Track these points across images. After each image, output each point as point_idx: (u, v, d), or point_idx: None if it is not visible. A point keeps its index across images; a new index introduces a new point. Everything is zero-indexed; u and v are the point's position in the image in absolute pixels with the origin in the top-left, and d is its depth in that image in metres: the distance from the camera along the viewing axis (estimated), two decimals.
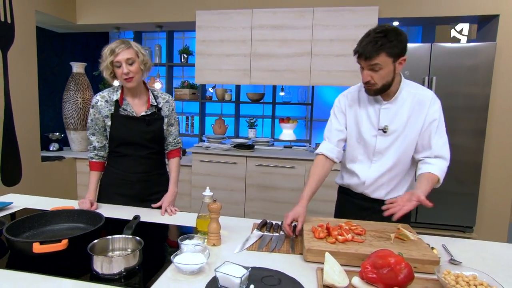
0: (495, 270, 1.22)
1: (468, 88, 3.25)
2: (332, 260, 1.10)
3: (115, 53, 1.66)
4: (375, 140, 1.60)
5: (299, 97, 4.29)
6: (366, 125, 1.61)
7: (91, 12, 3.98)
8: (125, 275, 1.10)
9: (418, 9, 3.42)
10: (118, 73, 1.69)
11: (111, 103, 1.78)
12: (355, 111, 1.65)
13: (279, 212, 3.55)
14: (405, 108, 1.55)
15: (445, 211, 3.37)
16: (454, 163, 3.31)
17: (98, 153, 1.85)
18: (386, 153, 1.60)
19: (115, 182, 1.85)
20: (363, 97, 1.63)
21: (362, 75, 1.50)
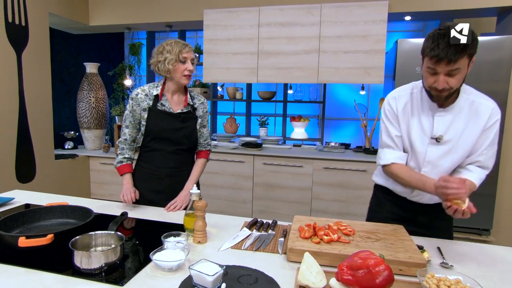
0: (489, 275, 1.16)
1: (486, 85, 3.11)
2: (311, 260, 1.07)
3: (186, 49, 1.77)
4: (426, 149, 1.47)
5: (311, 95, 4.24)
6: (417, 133, 1.49)
7: (103, 14, 4.08)
8: (106, 270, 1.11)
9: (431, 2, 3.31)
10: (181, 69, 1.77)
11: (150, 97, 1.83)
12: (407, 117, 1.51)
13: (286, 211, 3.53)
14: (461, 117, 1.42)
15: None
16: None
17: (125, 155, 1.88)
18: (438, 163, 1.47)
19: (144, 177, 1.89)
20: (415, 101, 1.50)
21: (434, 80, 1.33)
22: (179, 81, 1.79)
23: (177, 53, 1.74)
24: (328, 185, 3.45)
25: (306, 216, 1.53)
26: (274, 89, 4.45)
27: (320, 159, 3.44)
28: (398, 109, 1.53)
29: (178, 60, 1.74)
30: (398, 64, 3.29)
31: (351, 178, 3.39)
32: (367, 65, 3.41)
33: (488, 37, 3.14)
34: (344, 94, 4.34)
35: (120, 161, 1.89)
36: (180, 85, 1.83)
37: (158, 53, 1.79)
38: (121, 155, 1.89)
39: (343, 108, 4.36)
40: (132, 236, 1.45)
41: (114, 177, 3.82)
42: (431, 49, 1.29)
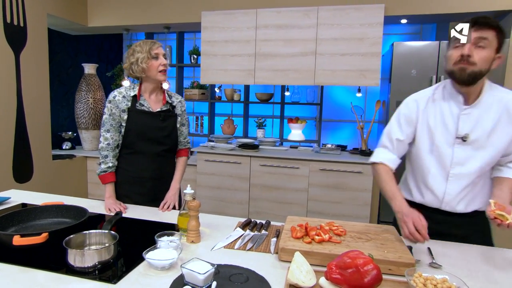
0: (475, 274, 1.18)
1: None
2: (301, 260, 1.09)
3: (155, 46, 1.79)
4: (452, 150, 1.41)
5: (308, 97, 4.26)
6: (441, 133, 1.43)
7: (102, 15, 4.10)
8: (100, 268, 1.13)
9: (427, 5, 3.34)
10: (155, 65, 1.78)
11: (128, 98, 1.83)
12: (428, 118, 1.46)
13: (282, 213, 3.54)
14: (490, 115, 1.37)
15: None
16: None
17: (110, 163, 1.84)
18: (466, 164, 1.41)
19: (127, 181, 1.88)
20: (437, 102, 1.45)
21: (462, 49, 1.30)
22: (155, 78, 1.80)
23: (147, 50, 1.76)
24: (324, 187, 3.46)
25: (298, 217, 1.55)
26: (271, 90, 4.47)
27: (317, 160, 3.46)
28: (416, 111, 1.48)
29: (150, 57, 1.76)
30: (394, 67, 3.32)
31: (347, 179, 3.41)
32: (363, 67, 3.43)
33: None
34: (341, 96, 4.36)
35: (104, 170, 1.83)
36: (157, 82, 1.84)
37: (129, 55, 1.81)
38: (105, 164, 1.83)
39: (340, 110, 4.38)
40: (126, 235, 1.46)
41: None
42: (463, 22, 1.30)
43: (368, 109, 4.27)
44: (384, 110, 3.64)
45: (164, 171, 1.94)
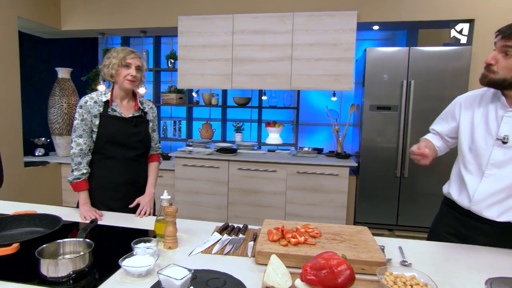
0: (442, 270, 1.23)
1: (446, 92, 3.27)
2: (277, 262, 1.10)
3: (130, 55, 1.79)
4: (490, 151, 1.40)
5: (285, 101, 4.31)
6: (481, 132, 1.43)
7: (76, 18, 4.01)
8: (75, 278, 1.10)
9: (397, 13, 3.46)
10: (123, 73, 1.78)
11: (100, 103, 1.81)
12: (472, 116, 1.47)
13: (261, 216, 3.56)
14: None
15: (426, 213, 3.38)
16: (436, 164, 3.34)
17: (84, 170, 1.79)
18: (504, 167, 1.38)
19: (100, 187, 1.85)
20: (483, 101, 1.46)
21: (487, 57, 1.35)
22: (122, 85, 1.79)
23: (121, 58, 1.76)
24: (302, 189, 3.51)
25: (275, 220, 1.57)
26: (249, 95, 4.49)
27: (294, 164, 3.50)
28: (460, 108, 1.54)
29: (121, 65, 1.77)
30: (367, 72, 3.41)
31: (323, 182, 3.46)
32: (337, 72, 3.51)
33: (449, 47, 3.32)
34: (317, 100, 4.44)
35: (77, 177, 1.78)
36: (124, 90, 1.83)
37: (105, 58, 1.82)
38: (78, 171, 1.78)
39: (316, 114, 4.45)
40: (102, 243, 1.43)
41: None
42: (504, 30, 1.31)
43: (343, 113, 4.36)
44: (358, 114, 3.73)
45: (138, 175, 1.93)
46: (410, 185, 3.41)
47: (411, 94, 3.30)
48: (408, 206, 3.43)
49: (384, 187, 3.46)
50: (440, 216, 1.67)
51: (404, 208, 3.44)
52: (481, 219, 1.44)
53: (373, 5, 3.47)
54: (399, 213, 3.45)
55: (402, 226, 3.46)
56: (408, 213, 3.44)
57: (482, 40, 3.32)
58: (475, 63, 3.29)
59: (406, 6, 3.43)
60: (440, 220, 1.65)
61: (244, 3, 3.70)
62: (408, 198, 3.43)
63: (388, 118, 3.40)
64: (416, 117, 3.33)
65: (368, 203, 3.51)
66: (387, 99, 3.37)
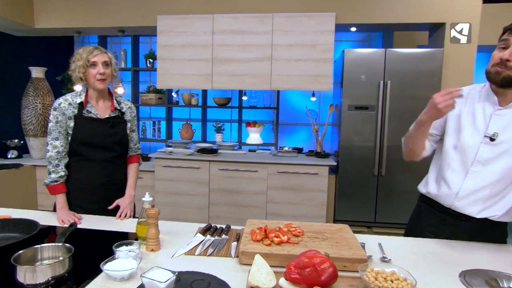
0: (419, 265, 1.27)
1: (421, 92, 3.37)
2: (261, 262, 1.11)
3: (93, 53, 1.72)
4: (477, 148, 1.41)
5: (265, 101, 4.32)
6: (469, 130, 1.43)
7: (50, 16, 3.89)
8: (53, 284, 1.07)
9: (373, 15, 3.53)
10: (92, 73, 1.72)
11: (74, 105, 1.76)
12: (459, 114, 1.47)
13: (243, 216, 3.56)
14: None
15: (402, 209, 3.47)
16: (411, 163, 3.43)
17: (62, 172, 1.75)
18: (489, 164, 1.40)
19: (77, 189, 1.80)
20: (469, 99, 1.47)
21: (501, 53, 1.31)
22: (94, 86, 1.75)
23: (85, 58, 1.71)
24: (282, 189, 3.53)
25: (258, 220, 1.57)
26: (229, 95, 4.48)
27: (275, 163, 3.52)
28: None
29: (87, 66, 1.71)
30: (345, 72, 3.46)
31: (303, 181, 3.50)
32: (316, 72, 3.55)
33: (422, 49, 3.42)
34: (296, 100, 4.47)
35: (55, 180, 1.74)
36: (97, 90, 1.78)
37: (71, 63, 1.76)
38: (56, 174, 1.74)
39: (296, 114, 4.49)
40: (82, 247, 1.39)
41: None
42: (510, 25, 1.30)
43: (322, 113, 4.42)
44: (337, 113, 3.79)
45: (116, 177, 1.89)
46: (387, 183, 3.49)
47: (388, 94, 3.38)
48: (386, 203, 3.51)
49: (363, 185, 3.53)
50: (418, 215, 1.69)
51: (381, 206, 3.52)
52: (461, 216, 1.47)
53: (350, 7, 3.53)
54: (377, 210, 3.53)
55: (380, 223, 3.54)
56: (386, 210, 3.52)
57: (454, 42, 3.43)
58: (446, 65, 3.41)
59: (382, 8, 3.51)
60: (418, 219, 1.67)
61: (224, 3, 3.68)
62: (386, 195, 3.51)
63: (365, 118, 3.47)
64: (393, 116, 3.41)
65: (347, 201, 3.56)
66: (364, 99, 3.44)
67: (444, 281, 1.17)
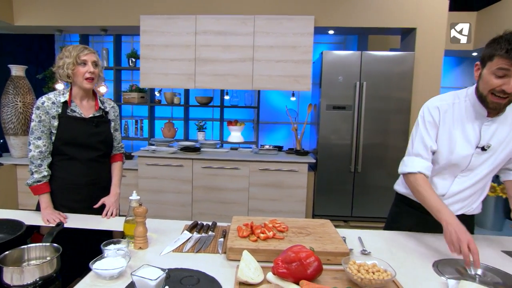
0: (397, 257, 1.31)
1: (394, 93, 3.45)
2: (249, 258, 1.11)
3: (84, 52, 1.67)
4: (470, 159, 1.41)
5: (246, 100, 4.32)
6: (462, 144, 1.40)
7: (31, 14, 3.74)
8: (41, 284, 1.03)
9: (350, 19, 3.59)
10: (81, 72, 1.66)
11: (58, 104, 1.69)
12: (449, 127, 1.42)
13: (225, 213, 3.55)
14: (505, 125, 1.38)
15: (377, 204, 3.55)
16: (382, 160, 3.53)
17: (44, 172, 1.68)
18: (477, 169, 1.43)
19: (62, 189, 1.74)
20: (457, 111, 1.41)
21: (505, 84, 1.22)
22: (81, 85, 1.69)
23: (75, 56, 1.65)
24: (264, 186, 3.54)
25: (244, 216, 1.57)
26: (211, 94, 4.45)
27: (256, 161, 3.52)
28: (439, 118, 1.43)
29: (76, 63, 1.66)
30: (323, 73, 3.50)
31: (284, 178, 3.52)
32: (296, 73, 3.57)
33: (395, 52, 3.50)
34: (276, 100, 4.49)
35: (38, 180, 1.66)
36: (84, 89, 1.72)
37: (58, 59, 1.70)
38: (39, 174, 1.66)
39: (276, 113, 4.51)
40: (69, 246, 1.35)
41: None
42: (509, 49, 1.17)
43: (300, 112, 4.45)
44: (316, 113, 3.83)
45: (100, 176, 1.84)
46: (363, 179, 3.57)
47: (364, 94, 3.44)
48: (361, 198, 3.59)
49: (340, 181, 3.59)
50: (397, 215, 1.69)
51: (357, 200, 3.60)
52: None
53: (328, 11, 3.58)
54: (354, 205, 3.60)
55: (356, 217, 3.61)
56: (362, 204, 3.59)
57: (423, 47, 3.54)
58: (417, 68, 3.52)
59: (357, 13, 3.57)
60: (398, 219, 1.67)
61: (206, 5, 3.65)
62: (361, 191, 3.58)
63: (343, 117, 3.52)
64: (368, 116, 3.48)
65: (325, 196, 3.62)
66: (342, 99, 3.49)
67: (419, 271, 1.21)
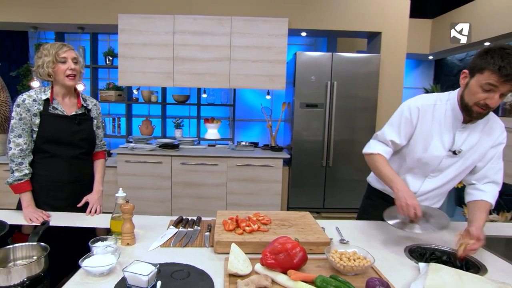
0: (372, 244, 1.36)
1: (362, 92, 3.55)
2: (237, 250, 1.11)
3: (63, 49, 1.60)
4: (441, 160, 1.43)
5: (222, 98, 4.29)
6: (436, 145, 1.42)
7: (4, 9, 3.51)
8: (28, 284, 0.98)
9: (321, 22, 3.65)
10: (62, 69, 1.59)
11: (39, 102, 1.60)
12: (427, 127, 1.42)
13: (204, 207, 3.52)
14: (476, 131, 1.39)
15: (347, 196, 3.66)
16: (351, 155, 3.63)
17: (26, 170, 1.59)
18: (446, 170, 1.46)
19: (44, 187, 1.65)
20: (437, 114, 1.41)
21: (488, 98, 1.22)
22: (63, 83, 1.62)
23: (54, 54, 1.58)
24: (241, 180, 3.54)
25: (228, 211, 1.56)
26: (187, 92, 4.37)
27: (233, 157, 3.52)
28: (417, 118, 1.43)
29: (56, 61, 1.58)
30: (297, 73, 3.54)
31: (260, 173, 3.54)
32: (271, 73, 3.59)
33: (363, 54, 3.60)
34: (251, 98, 4.49)
35: (19, 178, 1.57)
36: (66, 87, 1.65)
37: (37, 58, 1.62)
38: (19, 172, 1.57)
39: (251, 111, 4.51)
40: (55, 245, 1.29)
41: None
42: (501, 67, 1.15)
43: (274, 110, 4.48)
44: (290, 111, 3.87)
45: (83, 173, 1.77)
46: (334, 173, 3.65)
47: (334, 93, 3.52)
48: (332, 191, 3.68)
49: (312, 175, 3.66)
50: (371, 207, 1.73)
51: (329, 193, 3.68)
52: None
53: (301, 14, 3.62)
54: (325, 197, 3.68)
55: (328, 208, 3.70)
56: (333, 197, 3.68)
57: (387, 49, 3.67)
58: (383, 69, 3.64)
59: (328, 17, 3.64)
60: (372, 210, 1.70)
61: (184, 5, 3.58)
62: (332, 184, 3.67)
63: (315, 115, 3.58)
64: (339, 113, 3.56)
65: (299, 189, 3.67)
66: (314, 98, 3.55)
67: (393, 256, 1.26)
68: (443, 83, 4.81)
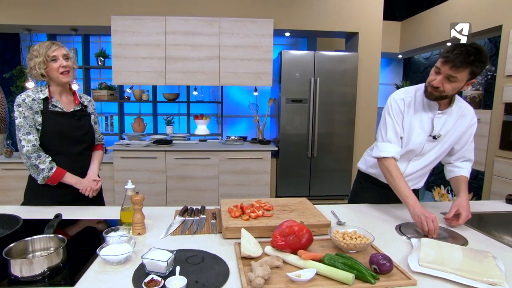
0: (366, 225, 1.39)
1: (342, 88, 3.61)
2: (248, 235, 1.11)
3: (52, 48, 1.53)
4: (423, 145, 1.50)
5: (211, 96, 4.25)
6: (418, 132, 1.48)
7: None
8: (49, 275, 0.95)
9: (303, 23, 3.67)
10: (54, 67, 1.52)
11: (38, 101, 1.53)
12: (410, 117, 1.49)
13: (198, 199, 3.50)
14: (452, 118, 1.46)
15: (330, 184, 3.72)
16: (333, 147, 3.69)
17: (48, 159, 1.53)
18: (427, 153, 1.52)
19: (48, 184, 1.57)
20: (417, 102, 1.48)
21: (434, 79, 1.33)
22: (58, 80, 1.56)
23: (44, 54, 1.52)
24: (232, 173, 3.54)
25: (230, 199, 1.56)
26: (177, 91, 4.31)
27: (224, 151, 3.50)
28: (404, 108, 1.49)
29: (47, 61, 1.52)
30: (282, 70, 3.55)
31: (250, 165, 3.54)
32: (259, 70, 3.58)
33: (340, 53, 3.65)
34: (238, 95, 4.47)
35: (50, 168, 1.53)
36: (61, 84, 1.60)
37: (28, 60, 1.56)
38: (44, 163, 1.52)
39: (238, 107, 4.49)
40: (70, 236, 1.26)
41: (20, 182, 3.19)
42: (446, 52, 1.28)
43: (261, 106, 4.48)
44: (276, 106, 3.88)
45: (86, 169, 1.72)
46: (318, 163, 3.70)
47: (318, 89, 3.55)
48: (317, 179, 3.73)
49: (298, 166, 3.69)
50: (361, 190, 1.77)
51: (314, 182, 3.73)
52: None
53: (286, 16, 3.62)
54: (311, 185, 3.73)
55: (313, 196, 3.75)
56: (317, 185, 3.74)
57: (364, 48, 3.73)
58: (361, 66, 3.71)
59: (310, 18, 3.65)
60: (361, 193, 1.75)
61: (175, 7, 3.50)
62: (317, 173, 3.72)
63: (300, 110, 3.61)
64: (322, 108, 3.61)
65: (286, 179, 3.71)
66: (299, 94, 3.58)
67: (386, 234, 1.30)
68: (412, 79, 4.95)
